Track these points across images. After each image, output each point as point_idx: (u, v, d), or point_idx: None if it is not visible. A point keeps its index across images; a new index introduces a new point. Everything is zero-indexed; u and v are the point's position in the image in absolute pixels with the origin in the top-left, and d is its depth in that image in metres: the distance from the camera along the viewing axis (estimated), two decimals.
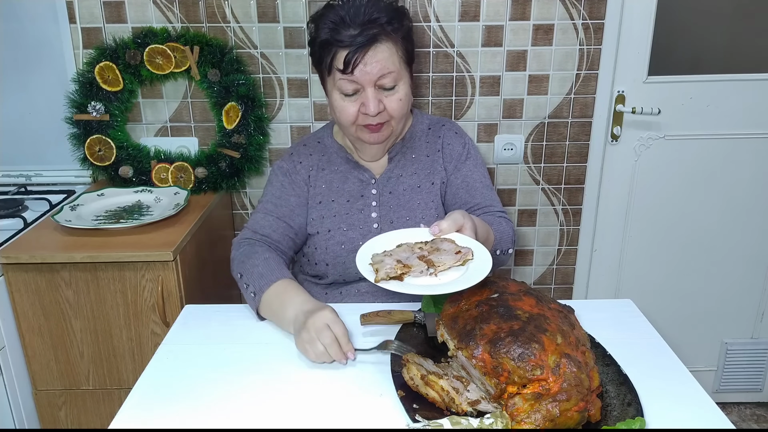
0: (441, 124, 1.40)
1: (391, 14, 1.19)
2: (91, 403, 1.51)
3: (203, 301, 1.48)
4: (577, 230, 1.98)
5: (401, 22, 1.21)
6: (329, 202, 1.32)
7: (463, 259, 0.93)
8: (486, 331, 0.87)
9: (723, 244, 2.00)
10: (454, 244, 0.97)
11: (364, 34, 1.15)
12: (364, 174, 1.34)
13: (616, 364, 0.97)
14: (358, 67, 1.16)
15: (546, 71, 1.80)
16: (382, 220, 1.31)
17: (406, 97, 1.23)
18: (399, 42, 1.21)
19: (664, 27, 1.79)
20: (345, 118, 1.23)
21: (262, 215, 1.31)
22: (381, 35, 1.17)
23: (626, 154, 1.92)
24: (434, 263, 0.92)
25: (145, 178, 1.73)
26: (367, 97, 1.19)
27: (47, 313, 1.42)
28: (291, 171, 1.35)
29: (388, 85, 1.19)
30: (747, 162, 1.91)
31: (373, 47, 1.16)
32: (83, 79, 1.68)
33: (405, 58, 1.23)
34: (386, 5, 1.20)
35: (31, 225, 1.53)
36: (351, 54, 1.16)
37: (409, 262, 0.92)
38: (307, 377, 0.98)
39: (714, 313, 2.09)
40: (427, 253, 0.95)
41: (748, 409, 2.18)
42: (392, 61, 1.19)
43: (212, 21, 1.73)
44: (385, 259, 0.94)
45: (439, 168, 1.35)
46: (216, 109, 1.74)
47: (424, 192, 1.32)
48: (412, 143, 1.36)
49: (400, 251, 0.96)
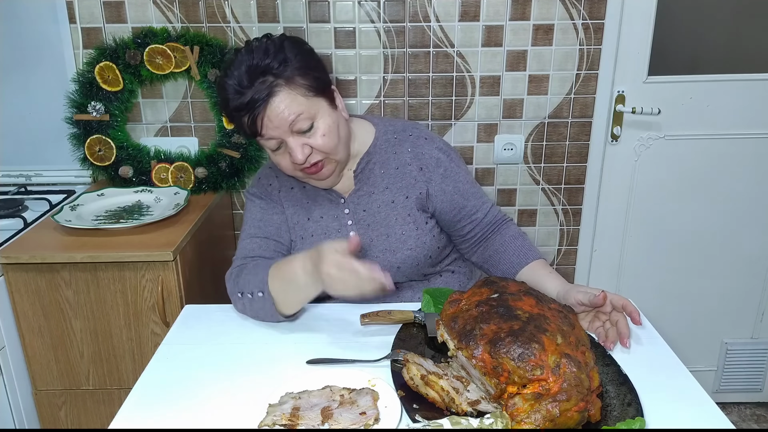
0: (407, 132, 1.31)
1: (269, 59, 1.11)
2: (91, 403, 1.51)
3: (203, 301, 1.48)
4: (577, 230, 1.98)
5: (291, 64, 1.13)
6: (305, 221, 1.29)
7: (363, 423, 0.85)
8: (486, 331, 0.87)
9: (723, 244, 2.00)
10: (372, 402, 0.89)
11: (257, 93, 1.11)
12: (331, 193, 1.29)
13: (616, 364, 0.97)
14: (264, 125, 1.13)
15: (546, 71, 1.80)
16: (362, 239, 1.25)
17: (330, 130, 1.16)
18: (296, 82, 1.13)
19: (664, 27, 1.79)
20: (285, 169, 1.20)
21: (248, 240, 1.27)
22: (272, 87, 1.11)
23: (626, 154, 1.92)
24: (332, 419, 0.87)
25: (145, 178, 1.73)
26: (291, 148, 1.14)
27: (47, 313, 1.42)
28: (264, 194, 1.31)
29: (304, 127, 1.13)
30: (747, 162, 1.91)
31: (269, 103, 1.11)
32: (83, 79, 1.68)
33: (313, 92, 1.15)
34: (262, 52, 1.12)
35: (31, 225, 1.53)
36: (251, 119, 1.12)
37: (305, 413, 0.87)
38: (307, 377, 0.98)
39: (714, 313, 2.09)
40: (338, 404, 0.89)
41: (748, 409, 2.18)
42: (296, 105, 1.12)
43: (212, 21, 1.73)
44: (284, 405, 0.89)
45: (414, 180, 1.27)
46: (216, 109, 1.74)
47: (398, 207, 1.27)
48: (378, 156, 1.29)
49: (314, 396, 0.91)
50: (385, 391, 0.93)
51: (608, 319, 1.07)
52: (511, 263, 1.26)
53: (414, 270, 1.28)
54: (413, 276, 1.30)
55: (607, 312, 1.08)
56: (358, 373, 0.98)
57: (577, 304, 1.08)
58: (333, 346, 1.07)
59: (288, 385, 0.95)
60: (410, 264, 1.26)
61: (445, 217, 1.30)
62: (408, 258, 1.26)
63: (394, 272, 1.25)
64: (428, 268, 1.32)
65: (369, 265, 0.98)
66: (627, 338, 1.03)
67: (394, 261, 1.26)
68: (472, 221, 1.31)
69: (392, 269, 1.25)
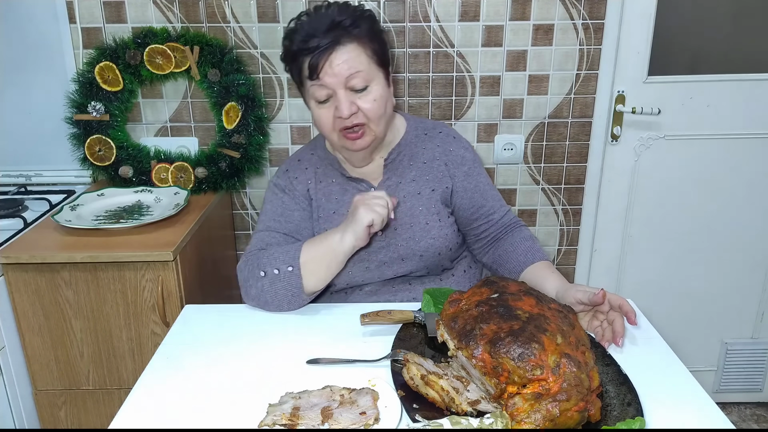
0: (437, 129, 1.38)
1: (354, 16, 1.18)
2: (91, 403, 1.51)
3: (203, 301, 1.49)
4: (577, 230, 1.98)
5: (366, 24, 1.19)
6: (331, 214, 1.31)
7: (363, 423, 0.85)
8: (486, 331, 0.87)
9: (723, 244, 2.00)
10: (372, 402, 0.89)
11: (326, 39, 1.15)
12: (361, 184, 1.33)
13: (616, 364, 0.97)
14: (323, 70, 1.16)
15: (546, 71, 1.80)
16: (386, 228, 1.29)
17: (381, 98, 1.21)
18: (366, 43, 1.19)
19: (664, 27, 1.79)
20: (323, 125, 1.22)
21: (266, 233, 1.27)
22: (343, 37, 1.16)
23: (626, 154, 1.92)
24: (332, 419, 0.86)
25: (145, 178, 1.73)
26: (339, 100, 1.18)
27: (47, 313, 1.43)
28: (289, 187, 1.33)
29: (358, 86, 1.18)
30: (747, 162, 1.91)
31: (337, 49, 1.16)
32: (83, 79, 1.68)
33: (376, 60, 1.20)
34: (351, 10, 1.20)
35: (31, 225, 1.53)
36: (315, 59, 1.16)
37: (305, 413, 0.87)
38: (307, 377, 0.98)
39: (714, 313, 2.09)
40: (338, 404, 0.90)
41: (748, 409, 2.18)
42: (359, 61, 1.17)
43: (212, 21, 1.73)
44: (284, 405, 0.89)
45: (441, 175, 1.33)
46: (216, 109, 1.74)
47: (424, 198, 1.32)
48: (408, 149, 1.34)
49: (314, 396, 0.92)
50: (385, 390, 0.93)
51: (606, 318, 1.08)
52: (518, 262, 1.29)
53: (435, 260, 1.31)
54: (432, 268, 1.32)
55: (605, 311, 1.08)
56: (358, 373, 0.98)
57: (577, 302, 1.09)
58: (333, 346, 1.07)
59: (288, 385, 0.95)
60: (432, 253, 1.29)
61: (464, 213, 1.34)
62: (430, 247, 1.29)
63: (417, 260, 1.29)
64: (447, 262, 1.35)
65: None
66: (621, 337, 1.04)
67: (417, 249, 1.29)
68: (489, 221, 1.34)
69: (414, 257, 1.29)
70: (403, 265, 1.30)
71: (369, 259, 1.28)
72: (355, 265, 1.27)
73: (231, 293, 1.78)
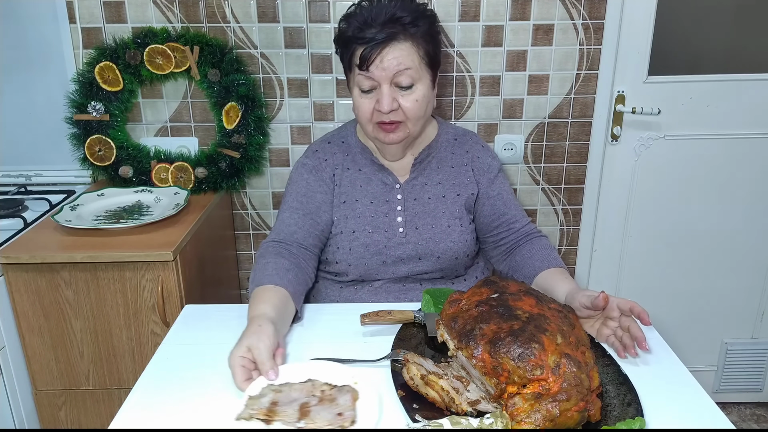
0: (467, 136, 1.41)
1: (414, 15, 1.19)
2: (91, 403, 1.51)
3: (203, 301, 1.49)
4: (577, 230, 1.98)
5: (425, 24, 1.21)
6: (353, 202, 1.32)
7: (339, 424, 0.85)
8: (486, 331, 0.87)
9: (723, 244, 2.00)
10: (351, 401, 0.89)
11: (383, 32, 1.17)
12: (388, 177, 1.34)
13: (616, 364, 0.97)
14: (374, 63, 1.18)
15: (546, 71, 1.80)
16: (407, 225, 1.31)
17: (423, 99, 1.23)
18: (420, 42, 1.21)
19: (664, 27, 1.79)
20: (361, 114, 1.25)
21: (288, 214, 1.30)
22: (400, 34, 1.18)
23: (626, 154, 1.92)
24: (309, 417, 0.86)
25: (145, 178, 1.73)
26: (382, 94, 1.20)
27: (47, 313, 1.42)
28: (316, 168, 1.34)
29: (404, 83, 1.20)
30: (747, 162, 1.91)
31: (391, 45, 1.17)
32: (83, 79, 1.68)
33: (427, 61, 1.22)
34: (412, 6, 1.21)
35: (31, 225, 1.53)
36: (368, 50, 1.17)
37: (283, 409, 0.86)
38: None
39: (714, 313, 2.09)
40: (318, 400, 0.89)
41: (748, 409, 2.18)
42: (410, 60, 1.19)
43: (212, 21, 1.73)
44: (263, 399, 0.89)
45: (467, 180, 1.35)
46: (216, 109, 1.74)
47: (448, 202, 1.33)
48: (438, 152, 1.37)
49: (295, 390, 0.91)
50: (367, 391, 0.92)
51: (618, 326, 1.04)
52: (533, 267, 1.28)
53: (451, 263, 1.32)
54: (447, 271, 1.33)
55: (615, 317, 1.04)
56: (358, 373, 0.97)
57: (581, 307, 1.06)
58: (333, 346, 1.07)
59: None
60: (449, 256, 1.31)
61: (485, 220, 1.36)
62: (449, 249, 1.30)
63: (433, 261, 1.31)
64: (461, 268, 1.36)
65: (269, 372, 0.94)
66: (644, 341, 0.99)
67: (435, 250, 1.30)
68: (509, 229, 1.35)
69: (432, 257, 1.30)
70: (419, 264, 1.31)
71: (386, 254, 1.30)
72: (372, 257, 1.28)
73: (231, 293, 1.78)
